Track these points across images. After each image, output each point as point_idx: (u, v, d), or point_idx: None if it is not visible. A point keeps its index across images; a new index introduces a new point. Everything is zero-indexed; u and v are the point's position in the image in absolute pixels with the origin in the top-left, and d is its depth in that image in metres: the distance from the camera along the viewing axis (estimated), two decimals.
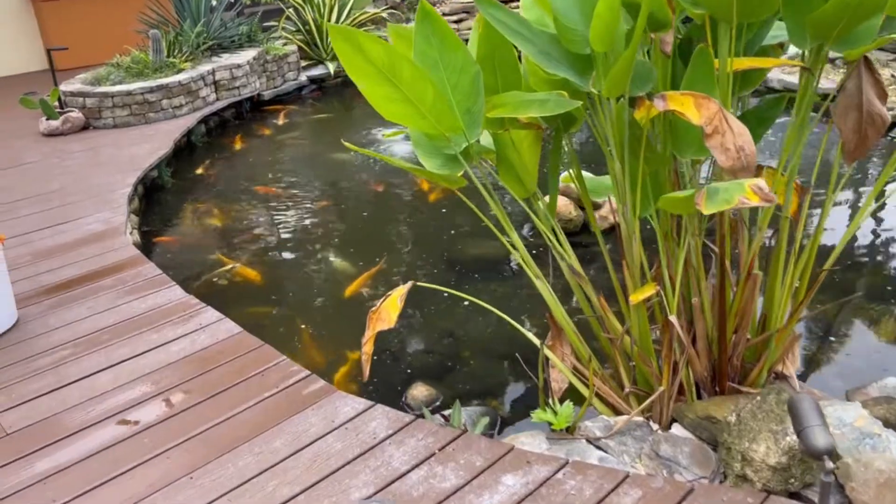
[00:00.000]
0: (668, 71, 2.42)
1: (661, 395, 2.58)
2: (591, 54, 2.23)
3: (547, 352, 2.78)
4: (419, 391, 3.18)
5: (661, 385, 2.59)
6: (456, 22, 10.10)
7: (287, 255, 4.61)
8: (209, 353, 3.06)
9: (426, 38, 2.43)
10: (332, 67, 8.68)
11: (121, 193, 4.98)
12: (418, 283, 2.52)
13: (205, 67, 7.27)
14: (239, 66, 7.47)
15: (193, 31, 7.54)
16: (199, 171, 6.11)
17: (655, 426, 2.62)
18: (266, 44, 8.20)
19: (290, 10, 9.13)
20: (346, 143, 2.54)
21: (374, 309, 2.35)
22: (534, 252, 4.39)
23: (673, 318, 2.42)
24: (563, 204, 4.55)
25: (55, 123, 6.34)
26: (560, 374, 2.92)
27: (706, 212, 1.92)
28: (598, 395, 2.79)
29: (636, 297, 2.50)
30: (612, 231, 4.57)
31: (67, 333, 3.28)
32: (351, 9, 9.14)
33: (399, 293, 2.33)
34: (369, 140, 6.84)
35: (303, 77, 8.62)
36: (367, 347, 2.29)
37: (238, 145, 6.78)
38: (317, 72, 8.76)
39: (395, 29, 2.69)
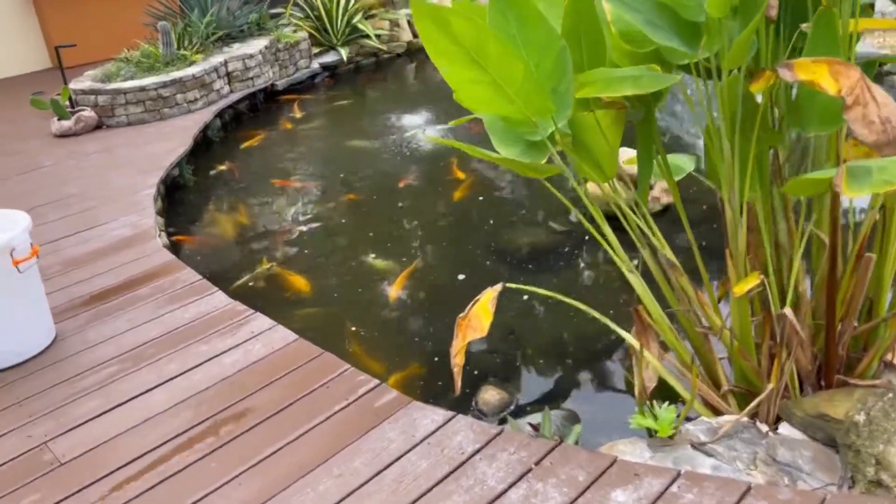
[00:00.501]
0: (769, 39, 2.19)
1: (769, 393, 2.37)
2: (700, 22, 2.00)
3: (645, 353, 2.57)
4: (491, 395, 2.97)
5: (769, 382, 2.38)
6: None
7: (321, 252, 4.39)
8: (266, 365, 2.86)
9: (502, 13, 2.20)
10: (344, 53, 8.42)
11: (144, 195, 4.76)
12: (507, 285, 2.30)
13: (217, 59, 7.02)
14: (251, 55, 7.22)
15: (203, 21, 7.27)
16: (220, 167, 5.87)
17: (764, 427, 2.41)
18: (276, 31, 7.93)
19: None
20: (431, 136, 2.31)
21: (462, 315, 2.14)
22: (585, 238, 4.18)
23: (788, 311, 2.20)
24: (593, 187, 4.31)
25: (67, 124, 6.11)
26: (650, 373, 2.72)
27: (851, 195, 1.70)
28: (705, 400, 2.58)
29: (741, 289, 2.29)
30: (664, 213, 4.36)
31: (111, 349, 3.07)
32: None
33: (488, 297, 2.12)
34: (390, 126, 6.60)
35: (315, 64, 8.35)
36: (458, 359, 2.08)
37: (256, 138, 6.54)
38: (329, 58, 8.49)
39: (457, 6, 2.45)
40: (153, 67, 6.66)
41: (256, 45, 7.48)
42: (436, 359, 3.28)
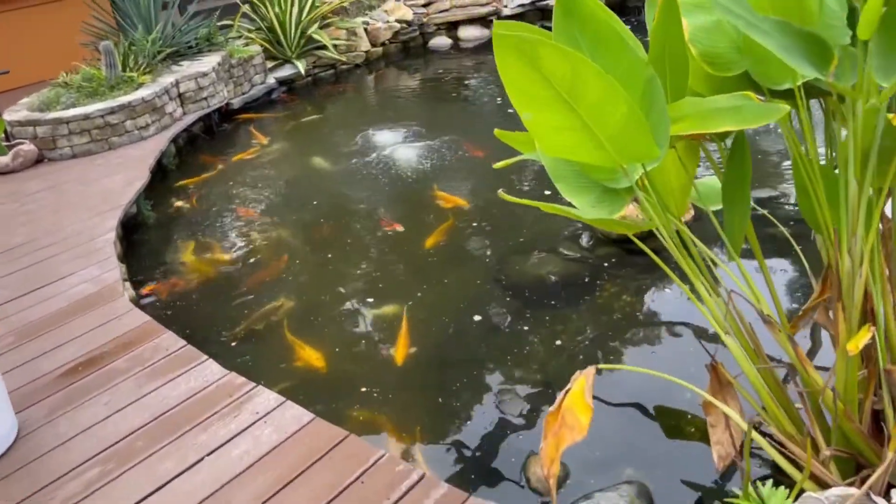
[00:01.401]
0: None
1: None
2: (830, 44, 1.66)
3: (733, 415, 2.23)
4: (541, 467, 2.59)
5: (886, 447, 2.07)
6: (424, 6, 9.41)
7: (308, 296, 3.93)
8: (283, 456, 2.42)
9: (572, 40, 1.82)
10: (301, 66, 7.92)
11: (104, 241, 4.22)
12: (601, 367, 1.92)
13: (167, 79, 6.45)
14: (204, 73, 6.67)
15: (148, 38, 6.69)
16: (180, 202, 5.31)
17: (882, 501, 2.09)
18: (228, 46, 7.39)
19: (246, 6, 8.30)
20: (504, 195, 1.92)
21: (551, 411, 1.75)
22: (605, 265, 3.84)
23: None
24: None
25: (4, 160, 5.48)
26: (727, 437, 2.38)
27: None
28: (790, 459, 2.26)
29: (855, 346, 1.96)
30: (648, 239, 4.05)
31: (89, 444, 2.58)
32: (314, 2, 8.36)
33: (581, 385, 1.74)
34: (360, 145, 6.13)
35: (271, 79, 7.83)
36: (553, 468, 1.69)
37: (216, 165, 6.01)
38: (285, 72, 7.98)
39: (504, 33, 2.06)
40: (97, 92, 6.06)
41: (209, 61, 6.93)
42: (468, 420, 2.89)
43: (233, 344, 3.54)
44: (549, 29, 1.93)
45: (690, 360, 3.10)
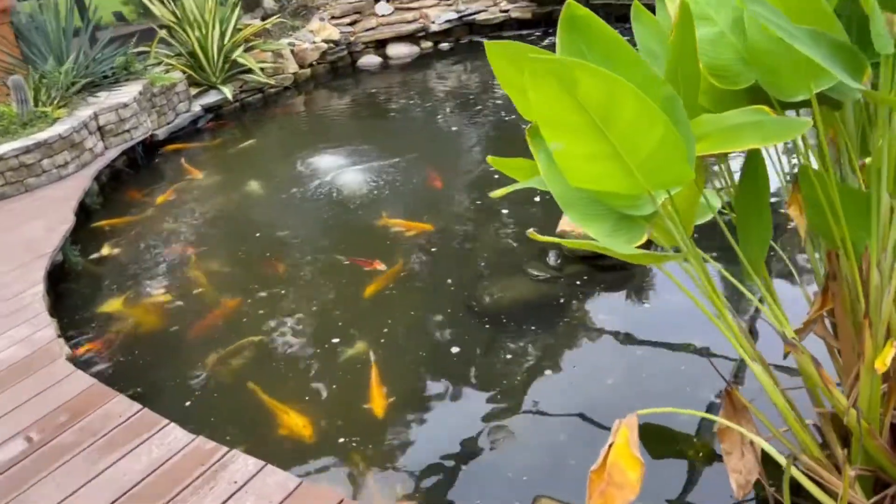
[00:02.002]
0: None
1: None
2: (861, 55, 1.56)
3: (753, 438, 2.11)
4: None
5: None
6: (350, 24, 9.20)
7: (265, 343, 3.64)
8: None
9: (580, 58, 1.68)
10: (228, 92, 7.57)
11: (31, 295, 3.83)
12: (642, 412, 1.74)
13: (84, 112, 6.02)
14: (125, 104, 6.26)
15: (61, 70, 6.24)
16: (109, 246, 4.90)
17: None
18: (148, 74, 6.99)
19: (164, 31, 7.90)
20: (533, 234, 1.74)
21: (595, 469, 1.57)
22: (577, 283, 3.72)
23: None
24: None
25: None
26: (746, 463, 2.27)
27: None
28: (814, 481, 2.16)
29: (883, 362, 1.88)
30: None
31: None
32: (235, 25, 8.03)
33: (625, 436, 1.57)
34: (299, 172, 5.86)
35: (196, 107, 7.46)
36: None
37: (145, 202, 5.62)
38: (210, 99, 7.62)
39: (497, 49, 1.91)
40: (8, 130, 5.59)
41: (129, 91, 6.52)
42: (466, 473, 2.69)
43: (187, 403, 3.23)
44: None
45: (683, 380, 3.01)
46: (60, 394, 2.96)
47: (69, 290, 4.36)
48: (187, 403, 3.21)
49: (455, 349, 3.38)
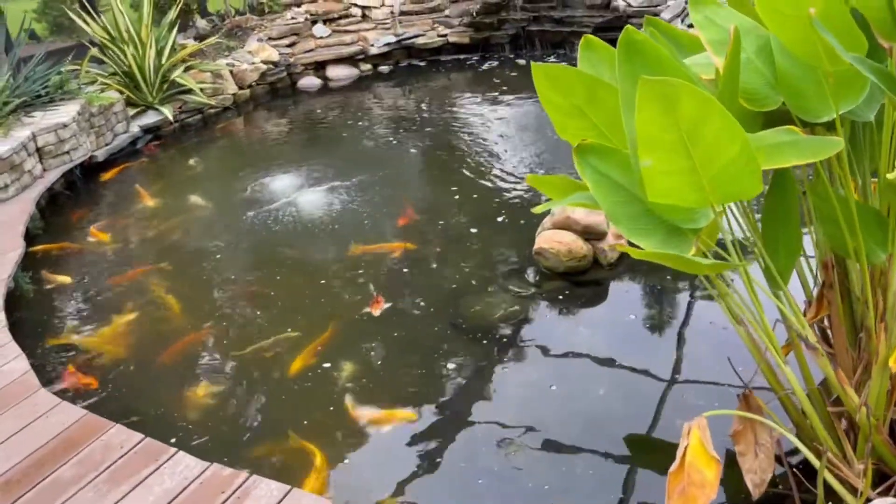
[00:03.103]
0: None
1: None
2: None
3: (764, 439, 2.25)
4: None
5: None
6: (289, 46, 9.14)
7: (251, 370, 3.58)
8: None
9: (635, 82, 1.77)
10: (168, 112, 7.36)
11: None
12: (710, 413, 1.83)
13: (22, 133, 5.73)
14: (65, 124, 6.00)
15: None
16: (57, 275, 4.65)
17: None
18: (84, 94, 6.72)
19: (96, 48, 7.62)
20: (624, 248, 1.80)
21: (673, 469, 1.65)
22: (559, 297, 3.83)
23: None
24: (571, 239, 4.03)
25: None
26: (761, 463, 2.41)
27: None
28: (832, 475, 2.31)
29: None
30: (618, 263, 4.14)
31: None
32: (173, 45, 7.83)
33: (697, 435, 1.66)
34: (249, 195, 5.74)
35: (134, 127, 7.21)
36: None
37: (89, 226, 5.38)
38: (149, 119, 7.38)
39: (542, 71, 1.99)
40: None
41: (67, 111, 6.25)
42: (496, 489, 2.72)
43: (189, 425, 3.13)
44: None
45: (677, 391, 3.14)
46: (50, 426, 2.80)
47: (25, 319, 4.13)
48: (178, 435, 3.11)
49: (451, 365, 3.41)
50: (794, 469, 2.36)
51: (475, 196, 5.33)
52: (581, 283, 4.02)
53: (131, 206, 5.73)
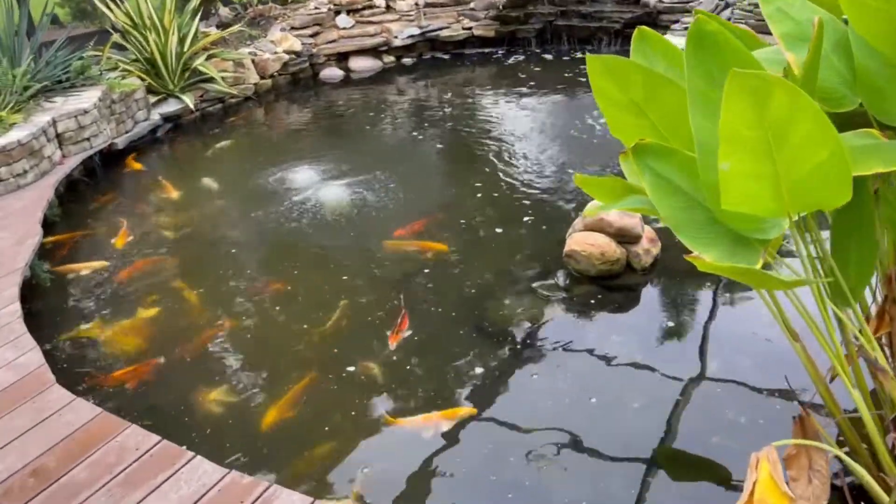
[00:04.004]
0: None
1: None
2: None
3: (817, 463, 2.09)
4: None
5: None
6: (311, 36, 9.01)
7: (274, 367, 3.47)
8: None
9: (707, 76, 1.63)
10: (189, 100, 7.26)
11: (7, 315, 3.52)
12: (779, 444, 1.68)
13: (42, 118, 5.64)
14: (86, 111, 5.91)
15: (15, 72, 5.83)
16: (75, 264, 4.55)
17: None
18: (106, 80, 6.62)
19: (117, 34, 7.52)
20: (696, 260, 1.66)
21: (743, 501, 1.50)
22: (591, 302, 3.68)
23: None
24: (604, 242, 3.87)
25: None
26: (814, 489, 2.25)
27: None
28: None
29: None
30: (652, 269, 3.98)
31: None
32: (196, 32, 7.73)
33: (766, 468, 1.51)
34: (273, 187, 5.63)
35: (155, 115, 7.12)
36: None
37: (109, 214, 5.29)
38: (170, 108, 7.29)
39: (598, 63, 1.84)
40: None
41: (88, 97, 6.16)
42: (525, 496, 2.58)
43: (206, 432, 3.01)
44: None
45: (704, 403, 2.99)
46: (64, 424, 2.70)
47: (39, 309, 4.03)
48: (207, 432, 2.99)
49: (479, 369, 3.28)
50: (845, 488, 2.20)
51: (499, 194, 5.18)
52: (613, 287, 3.87)
53: (150, 196, 5.63)
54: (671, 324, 3.56)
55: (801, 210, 1.59)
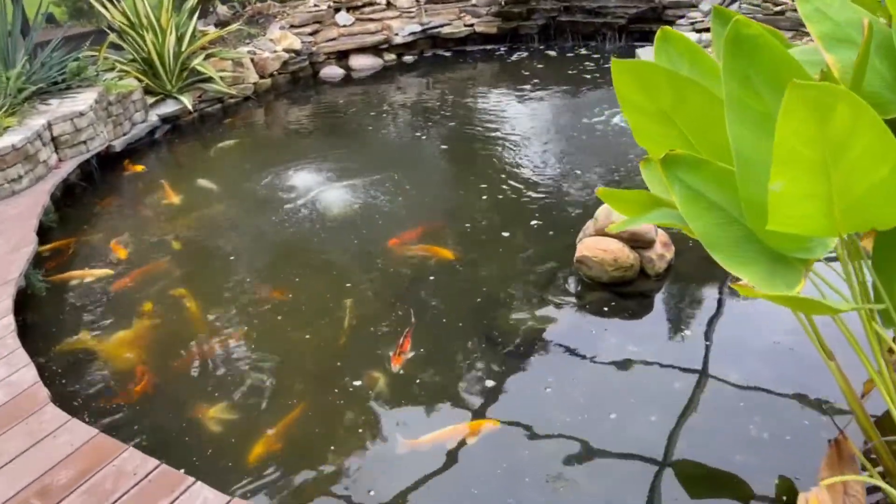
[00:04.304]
0: None
1: None
2: None
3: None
4: None
5: None
6: (311, 34, 8.88)
7: (277, 394, 3.35)
8: None
9: (743, 83, 1.50)
10: (188, 101, 7.13)
11: (1, 328, 3.39)
12: (828, 482, 1.56)
13: (37, 121, 5.52)
14: (82, 113, 5.78)
15: (9, 74, 5.71)
16: (78, 273, 4.43)
17: None
18: (102, 81, 6.49)
19: (114, 34, 7.39)
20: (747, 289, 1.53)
21: None
22: (604, 309, 3.55)
23: None
24: (617, 248, 3.75)
25: None
26: None
27: None
28: None
29: None
30: (666, 274, 3.86)
31: None
32: (194, 31, 7.59)
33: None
34: (277, 190, 5.51)
35: (153, 117, 7.00)
36: None
37: (105, 220, 5.17)
38: (168, 109, 7.16)
39: (624, 68, 1.72)
40: None
41: (84, 99, 6.03)
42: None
43: (208, 453, 2.89)
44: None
45: (724, 414, 2.87)
46: (58, 447, 2.58)
47: (35, 321, 3.91)
48: (208, 453, 2.87)
49: (490, 383, 3.16)
50: None
51: (504, 196, 5.05)
52: (626, 294, 3.75)
53: (149, 200, 5.50)
54: (688, 332, 3.44)
55: (854, 230, 1.47)
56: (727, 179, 1.65)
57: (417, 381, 3.21)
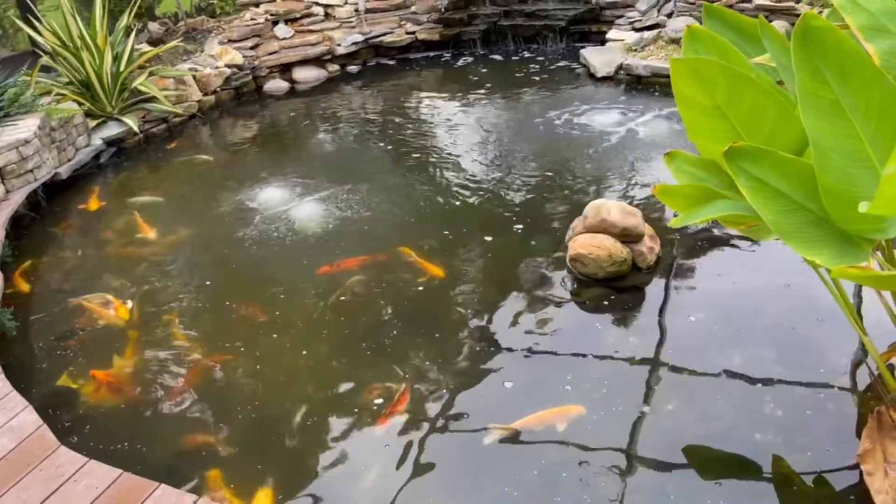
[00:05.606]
0: None
1: None
2: None
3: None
4: None
5: None
6: (252, 48, 8.69)
7: (272, 404, 3.27)
8: None
9: (813, 74, 1.57)
10: (133, 122, 6.86)
11: None
12: None
13: None
14: (27, 141, 5.49)
15: None
16: (37, 308, 4.20)
17: None
18: (41, 107, 6.19)
19: (46, 57, 7.05)
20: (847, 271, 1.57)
21: None
22: (604, 303, 3.62)
23: None
24: (611, 244, 3.82)
25: None
26: (892, 482, 2.24)
27: None
28: None
29: None
30: (656, 267, 3.96)
31: None
32: (131, 51, 7.32)
33: None
34: (238, 207, 5.37)
35: (96, 140, 6.70)
36: None
37: (62, 251, 4.93)
38: (111, 131, 6.87)
39: (684, 65, 1.76)
40: None
41: (26, 126, 5.73)
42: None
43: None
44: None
45: (752, 400, 2.98)
46: (81, 492, 2.44)
47: (13, 363, 3.69)
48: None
49: (508, 384, 3.17)
50: None
51: (477, 202, 5.07)
52: (622, 289, 3.83)
53: (105, 230, 5.27)
54: (692, 318, 3.54)
55: None
56: (789, 168, 1.71)
57: (425, 391, 3.19)
